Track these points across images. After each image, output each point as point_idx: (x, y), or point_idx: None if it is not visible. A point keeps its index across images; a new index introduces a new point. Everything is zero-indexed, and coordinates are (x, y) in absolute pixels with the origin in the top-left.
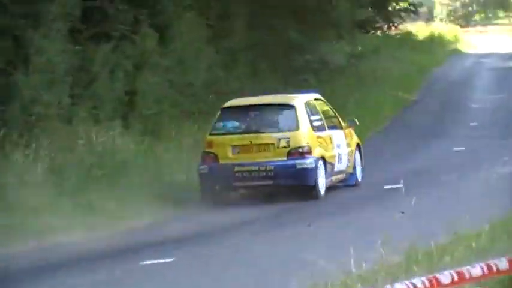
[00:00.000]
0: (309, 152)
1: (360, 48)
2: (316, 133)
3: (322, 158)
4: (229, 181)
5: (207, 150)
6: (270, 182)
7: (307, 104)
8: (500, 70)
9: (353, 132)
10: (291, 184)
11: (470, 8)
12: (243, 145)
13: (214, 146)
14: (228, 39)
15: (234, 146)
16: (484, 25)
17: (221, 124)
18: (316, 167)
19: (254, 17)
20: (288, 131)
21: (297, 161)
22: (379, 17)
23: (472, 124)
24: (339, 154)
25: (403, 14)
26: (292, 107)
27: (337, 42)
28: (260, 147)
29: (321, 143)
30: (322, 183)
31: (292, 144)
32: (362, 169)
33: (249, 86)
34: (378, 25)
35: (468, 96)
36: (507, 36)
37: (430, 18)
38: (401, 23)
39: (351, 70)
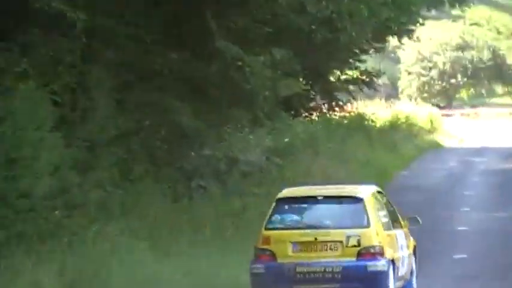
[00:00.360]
0: (381, 253)
1: (286, 140)
2: (385, 231)
3: (392, 261)
4: (290, 283)
5: (262, 247)
6: (337, 286)
7: (374, 197)
8: (499, 174)
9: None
10: None
11: (453, 80)
12: (306, 242)
13: (272, 242)
14: (85, 125)
15: (295, 243)
16: (473, 106)
17: (278, 217)
18: (388, 271)
19: (126, 91)
20: (358, 227)
21: (369, 263)
22: (315, 92)
23: (457, 267)
24: (403, 257)
25: (351, 87)
26: (360, 200)
27: (251, 131)
28: (326, 245)
29: (389, 243)
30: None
31: (363, 243)
32: (416, 276)
33: (116, 198)
34: (313, 104)
35: (452, 216)
36: (507, 122)
37: (393, 94)
38: (349, 100)
39: (271, 175)
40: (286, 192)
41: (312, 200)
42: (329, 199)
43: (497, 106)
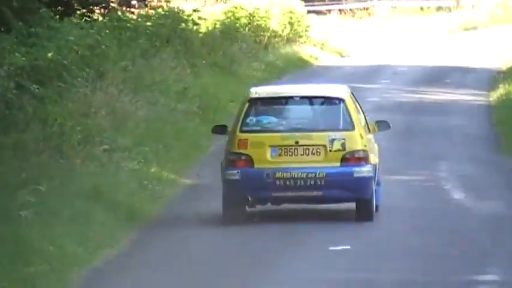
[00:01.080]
0: (367, 158)
1: (50, 55)
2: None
3: (375, 166)
4: (269, 191)
5: (237, 150)
6: (319, 193)
7: (352, 98)
8: (404, 112)
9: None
10: (344, 196)
11: None
12: (287, 146)
13: (249, 146)
14: None
15: (274, 147)
16: None
17: (253, 119)
18: (373, 177)
19: None
20: (342, 130)
21: (355, 168)
22: None
23: None
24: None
25: None
26: (341, 100)
27: None
28: (308, 149)
29: (370, 148)
30: (374, 199)
31: (349, 147)
32: (379, 185)
33: None
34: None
35: None
36: (418, 22)
37: None
38: None
39: (24, 113)
40: (257, 91)
41: (289, 100)
42: (307, 99)
43: None
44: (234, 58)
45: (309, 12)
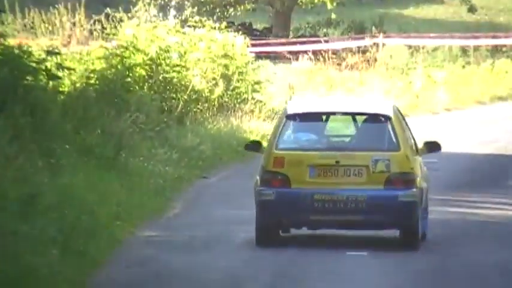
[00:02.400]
0: (414, 181)
1: None
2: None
3: (421, 190)
4: (307, 213)
5: (274, 169)
6: (361, 217)
7: (399, 115)
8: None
9: None
10: (386, 222)
11: None
12: (326, 166)
13: (286, 165)
14: None
15: (313, 167)
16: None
17: (291, 136)
18: (418, 202)
19: None
20: (387, 150)
21: (400, 192)
22: None
23: None
24: (426, 187)
25: None
26: (387, 118)
27: None
28: (349, 169)
29: (418, 170)
30: (420, 226)
31: (393, 169)
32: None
33: None
34: None
35: None
36: None
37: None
38: None
39: None
40: (295, 107)
41: (330, 116)
42: (350, 116)
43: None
44: (123, 140)
45: (258, 57)
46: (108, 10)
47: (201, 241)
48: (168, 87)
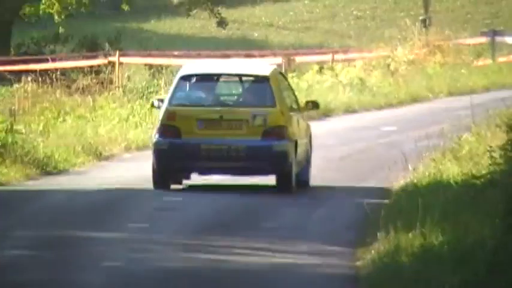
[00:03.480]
0: (286, 134)
1: None
2: (290, 113)
3: (296, 142)
4: (194, 160)
5: (167, 122)
6: (240, 164)
7: (278, 77)
8: None
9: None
10: (263, 169)
11: None
12: (212, 120)
13: (177, 119)
14: None
15: (200, 121)
16: None
17: (183, 94)
18: (291, 152)
19: None
20: (264, 107)
21: (274, 143)
22: None
23: None
24: (302, 141)
25: None
26: (266, 78)
27: None
28: (231, 123)
29: (293, 125)
30: (294, 173)
31: (269, 123)
32: (310, 165)
33: None
34: None
35: None
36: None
37: None
38: None
39: None
40: (188, 69)
41: (217, 78)
42: (234, 77)
43: None
44: None
45: None
46: None
47: None
48: None
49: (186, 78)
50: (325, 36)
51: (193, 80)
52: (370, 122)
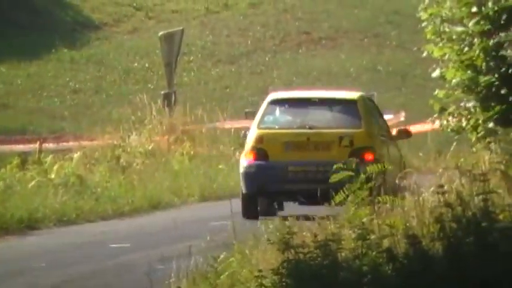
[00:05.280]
0: (373, 155)
1: None
2: (379, 136)
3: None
4: (282, 182)
5: (255, 145)
6: (326, 186)
7: (365, 100)
8: None
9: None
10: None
11: None
12: (299, 142)
13: (265, 141)
14: None
15: (288, 143)
16: None
17: (271, 118)
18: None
19: None
20: (351, 128)
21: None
22: None
23: None
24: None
25: None
26: (354, 102)
27: None
28: (318, 145)
29: (381, 147)
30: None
31: (356, 144)
32: None
33: None
34: None
35: None
36: None
37: None
38: None
39: None
40: (277, 95)
41: (305, 103)
42: (323, 102)
43: None
44: None
45: None
46: None
47: None
48: None
49: (274, 102)
50: (29, 117)
51: (281, 104)
52: (94, 237)
